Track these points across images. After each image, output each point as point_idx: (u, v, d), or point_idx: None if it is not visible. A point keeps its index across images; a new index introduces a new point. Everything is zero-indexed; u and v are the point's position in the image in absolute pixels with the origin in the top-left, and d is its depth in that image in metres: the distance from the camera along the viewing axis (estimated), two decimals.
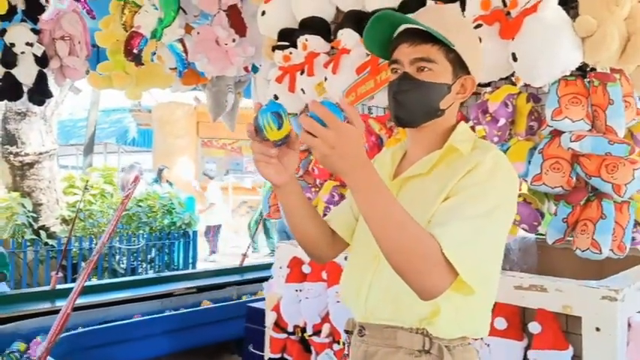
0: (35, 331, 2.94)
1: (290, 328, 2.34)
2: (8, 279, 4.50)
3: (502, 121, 1.96)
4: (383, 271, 1.14)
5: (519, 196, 1.95)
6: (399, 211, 0.98)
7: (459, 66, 1.16)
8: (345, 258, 1.34)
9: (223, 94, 3.55)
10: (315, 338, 2.24)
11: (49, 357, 2.24)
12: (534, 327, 1.60)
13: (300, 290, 2.28)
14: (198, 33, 3.06)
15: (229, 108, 3.66)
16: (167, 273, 5.50)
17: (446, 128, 1.21)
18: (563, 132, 1.81)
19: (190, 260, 6.70)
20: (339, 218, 1.34)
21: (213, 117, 3.68)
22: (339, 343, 2.17)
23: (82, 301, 3.35)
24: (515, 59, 1.80)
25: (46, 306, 3.35)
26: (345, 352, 1.29)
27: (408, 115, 1.17)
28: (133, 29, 3.10)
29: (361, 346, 1.20)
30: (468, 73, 1.18)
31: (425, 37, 1.13)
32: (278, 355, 2.40)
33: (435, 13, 1.22)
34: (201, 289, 4.07)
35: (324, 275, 2.22)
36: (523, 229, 1.98)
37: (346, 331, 1.29)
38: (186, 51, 3.19)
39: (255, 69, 3.27)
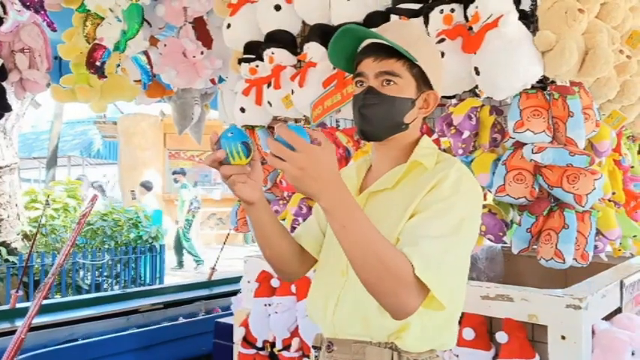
0: None
1: (259, 344, 2.31)
2: None
3: (466, 134, 2.00)
4: (351, 287, 1.14)
5: (484, 206, 1.97)
6: (372, 232, 0.98)
7: (423, 81, 1.18)
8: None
9: (189, 107, 3.51)
10: (284, 353, 2.22)
11: None
12: (501, 337, 1.61)
13: (269, 305, 2.26)
14: (165, 45, 3.02)
15: (195, 120, 3.62)
16: (133, 289, 5.38)
17: (409, 142, 1.22)
18: (526, 144, 1.84)
19: (157, 275, 6.57)
20: (307, 235, 1.33)
21: (179, 130, 3.63)
22: (308, 357, 2.15)
23: (44, 319, 3.25)
24: (477, 73, 1.84)
25: (5, 326, 3.22)
26: None
27: (373, 128, 1.18)
28: (96, 41, 3.05)
29: None
30: (431, 88, 1.20)
31: (389, 51, 1.14)
32: None
33: (399, 28, 1.22)
34: (168, 305, 3.99)
35: (294, 289, 2.20)
36: (489, 239, 2.01)
37: (314, 347, 1.28)
38: (150, 63, 3.13)
39: (221, 81, 3.25)
